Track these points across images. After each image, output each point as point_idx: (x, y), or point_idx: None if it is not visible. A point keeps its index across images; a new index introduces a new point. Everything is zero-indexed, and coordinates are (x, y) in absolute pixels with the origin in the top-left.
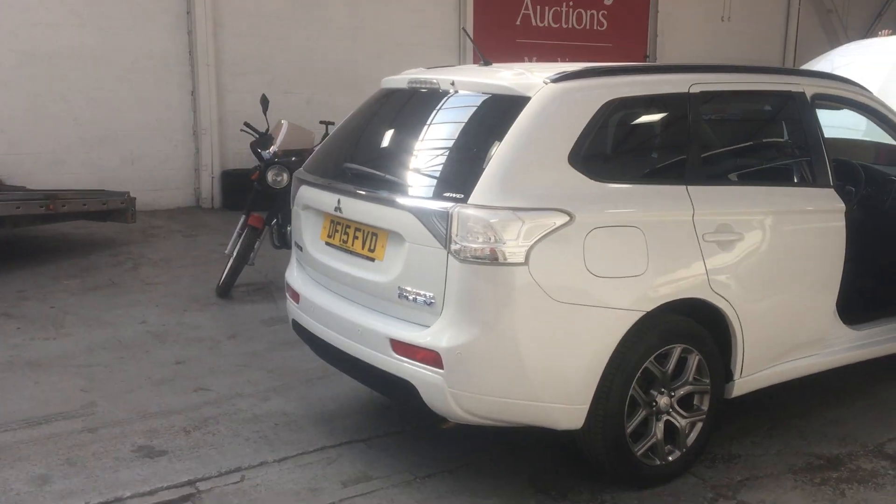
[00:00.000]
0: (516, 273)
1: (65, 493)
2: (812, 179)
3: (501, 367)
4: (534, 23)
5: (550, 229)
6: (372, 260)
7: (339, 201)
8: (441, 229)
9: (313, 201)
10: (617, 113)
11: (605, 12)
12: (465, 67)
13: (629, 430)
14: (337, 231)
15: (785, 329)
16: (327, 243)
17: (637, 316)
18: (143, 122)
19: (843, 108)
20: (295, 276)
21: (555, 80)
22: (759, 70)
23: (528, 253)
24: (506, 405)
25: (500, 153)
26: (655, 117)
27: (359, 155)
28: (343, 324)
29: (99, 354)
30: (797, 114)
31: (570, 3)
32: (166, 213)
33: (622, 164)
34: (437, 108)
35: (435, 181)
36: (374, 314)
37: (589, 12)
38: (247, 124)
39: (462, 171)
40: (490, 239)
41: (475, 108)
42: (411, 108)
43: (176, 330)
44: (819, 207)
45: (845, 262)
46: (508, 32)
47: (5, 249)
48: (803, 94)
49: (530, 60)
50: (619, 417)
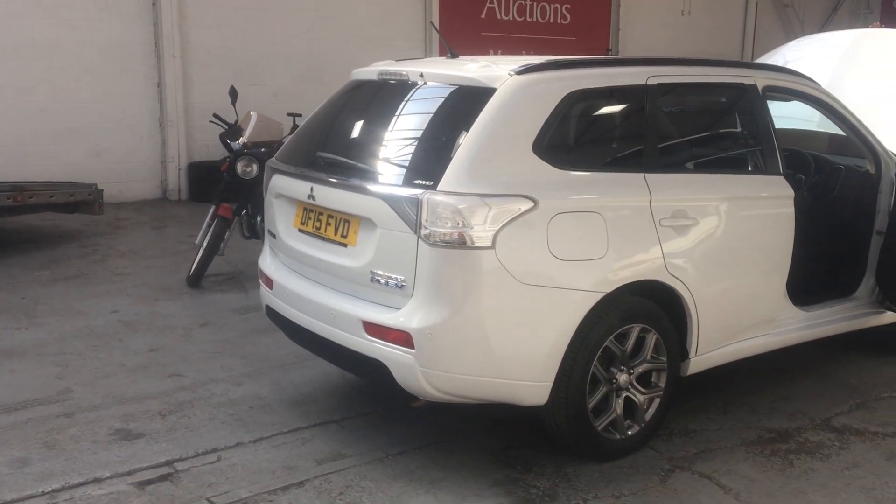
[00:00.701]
0: (483, 256)
1: (44, 474)
2: (763, 167)
3: (470, 346)
4: (499, 16)
5: (516, 214)
6: (345, 246)
7: (311, 189)
8: (411, 215)
9: (286, 189)
10: (578, 104)
11: (569, 6)
12: (433, 60)
13: (590, 406)
14: (310, 218)
15: (738, 310)
16: (300, 230)
17: (598, 297)
18: (109, 115)
19: (793, 100)
20: (268, 263)
21: (519, 73)
22: (712, 63)
23: (495, 237)
24: (474, 382)
25: (468, 142)
26: (615, 108)
27: (331, 144)
28: (316, 308)
29: (72, 343)
30: (749, 105)
31: None
32: (133, 206)
33: (583, 152)
34: (407, 98)
35: (405, 169)
36: (347, 298)
37: (553, 6)
38: (216, 116)
39: (431, 159)
40: (458, 224)
41: (443, 99)
42: (381, 98)
43: (148, 319)
44: (770, 194)
45: (795, 247)
46: (474, 26)
47: None
48: (755, 87)
49: (495, 53)
50: (580, 394)
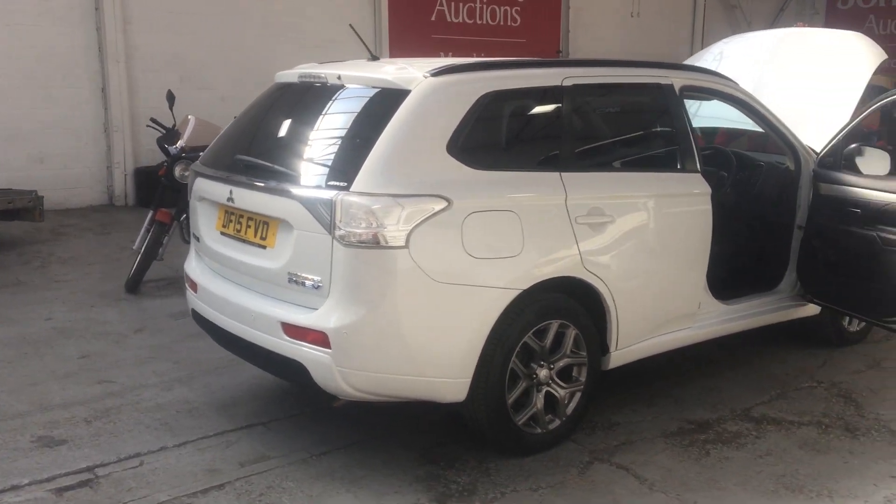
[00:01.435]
0: (397, 256)
1: None
2: (681, 166)
3: (386, 344)
4: (448, 18)
5: (429, 214)
6: (264, 247)
7: (231, 192)
8: (326, 216)
9: (208, 193)
10: (493, 105)
11: (519, 8)
12: (353, 63)
13: (510, 401)
14: (231, 221)
15: (657, 304)
16: (222, 233)
17: (514, 294)
18: (51, 120)
19: (712, 99)
20: (193, 267)
21: (434, 75)
22: (629, 64)
23: (409, 237)
24: (392, 381)
25: (381, 143)
26: (530, 109)
27: (251, 147)
28: (238, 310)
29: (1, 351)
30: (666, 105)
31: (484, 0)
32: (78, 212)
33: (499, 152)
34: (325, 101)
35: (321, 171)
36: (267, 300)
37: (503, 8)
38: (153, 120)
39: (346, 160)
40: (372, 224)
41: (359, 101)
42: (301, 101)
43: (82, 325)
44: (687, 191)
45: (715, 242)
46: (423, 28)
47: None
48: (672, 87)
49: (445, 56)
50: (500, 389)
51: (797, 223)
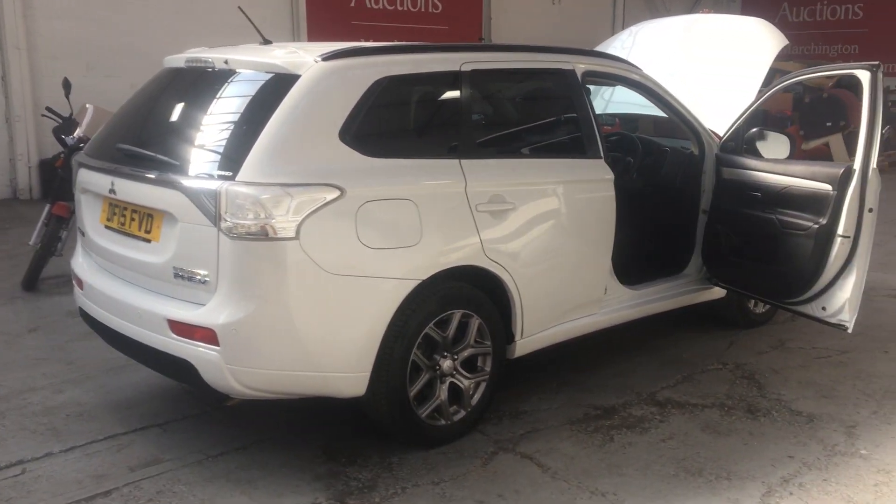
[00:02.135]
0: (287, 248)
1: None
2: (584, 151)
3: (278, 340)
4: (368, 4)
5: (321, 204)
6: (148, 241)
7: (112, 183)
8: (210, 207)
9: (91, 184)
10: (389, 90)
11: None
12: (243, 47)
13: (413, 394)
14: (115, 214)
15: (562, 291)
16: (106, 226)
17: (412, 285)
18: None
19: (615, 85)
20: (80, 263)
21: (326, 59)
22: (530, 49)
23: (299, 228)
24: (286, 377)
25: (269, 130)
26: (428, 95)
27: (134, 136)
28: (124, 308)
29: None
30: (568, 90)
31: None
32: None
33: (395, 139)
34: (212, 87)
35: (205, 160)
36: (153, 296)
37: None
38: (49, 109)
39: (231, 149)
40: (259, 215)
41: (248, 86)
42: (188, 87)
43: None
44: (589, 178)
45: (621, 228)
46: (343, 14)
47: None
48: (574, 72)
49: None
50: (401, 382)
51: (702, 207)
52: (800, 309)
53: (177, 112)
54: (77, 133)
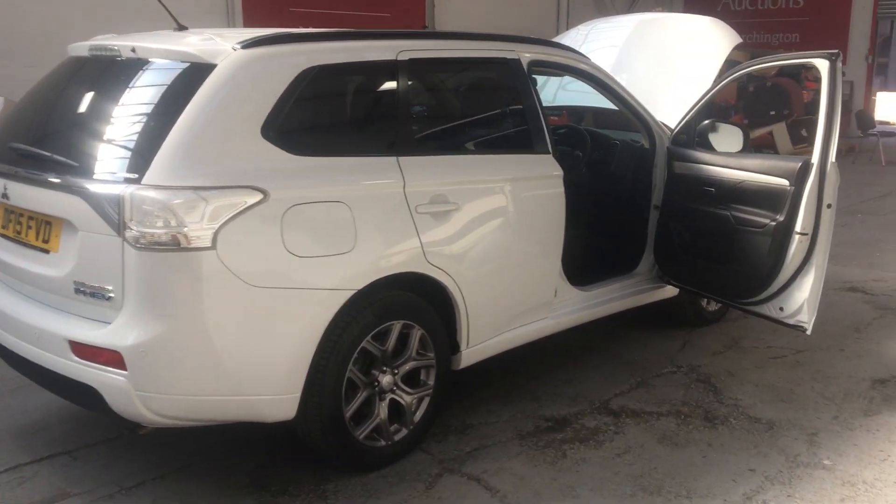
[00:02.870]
0: (203, 259)
1: None
2: (530, 146)
3: (194, 362)
4: None
5: (241, 209)
6: (46, 252)
7: (5, 187)
8: (113, 215)
9: None
10: (317, 81)
11: None
12: (155, 33)
13: (349, 414)
14: (10, 221)
15: (510, 296)
16: (1, 234)
17: (347, 295)
18: None
19: (563, 75)
20: None
21: (245, 46)
22: (472, 37)
23: (215, 236)
24: (204, 403)
25: (180, 127)
26: (362, 86)
27: (30, 134)
28: (21, 326)
29: None
30: (513, 81)
31: None
32: None
33: (325, 136)
34: (118, 78)
35: (109, 161)
36: (54, 314)
37: None
38: None
39: (138, 148)
40: (170, 223)
41: (157, 77)
42: (92, 78)
43: None
44: (538, 174)
45: (571, 226)
46: (281, 1)
47: None
48: (519, 62)
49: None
50: (336, 403)
51: (653, 203)
52: (756, 309)
53: (78, 107)
54: None
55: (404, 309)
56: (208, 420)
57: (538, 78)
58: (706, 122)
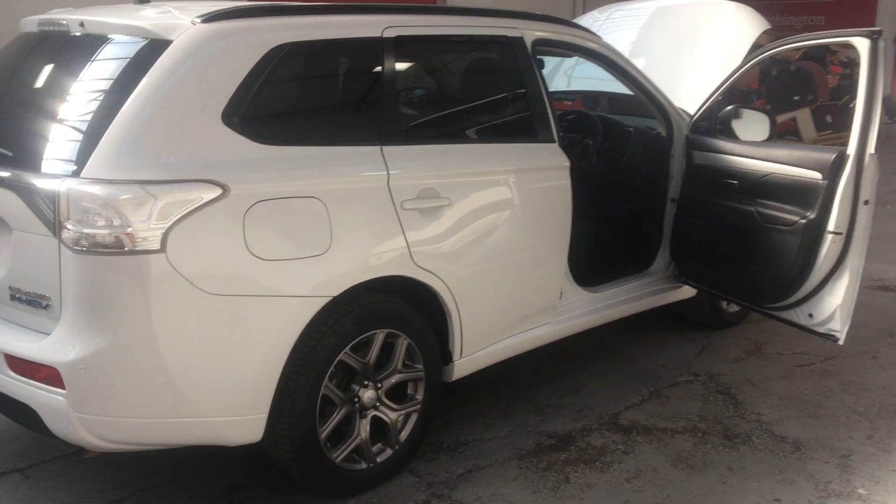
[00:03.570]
0: (151, 263)
1: None
2: (533, 135)
3: (142, 381)
4: None
5: (195, 206)
6: None
7: None
8: (48, 212)
9: None
10: (289, 61)
11: None
12: (110, 7)
13: (325, 435)
14: None
15: (510, 301)
16: None
17: (321, 303)
18: None
19: (572, 55)
20: None
21: (206, 21)
22: (469, 12)
23: (165, 237)
24: (154, 426)
25: (127, 113)
26: (341, 67)
27: None
28: None
29: None
30: (515, 62)
31: None
32: None
33: (297, 122)
34: (65, 56)
35: (47, 151)
36: None
37: None
38: None
39: (79, 136)
40: (113, 222)
41: (107, 55)
42: (37, 57)
43: None
44: (541, 165)
45: (578, 221)
46: None
47: None
48: (522, 40)
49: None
50: (309, 423)
51: (670, 196)
52: (783, 315)
53: (20, 90)
54: None
55: (388, 316)
56: (161, 445)
57: (547, 61)
58: (729, 108)
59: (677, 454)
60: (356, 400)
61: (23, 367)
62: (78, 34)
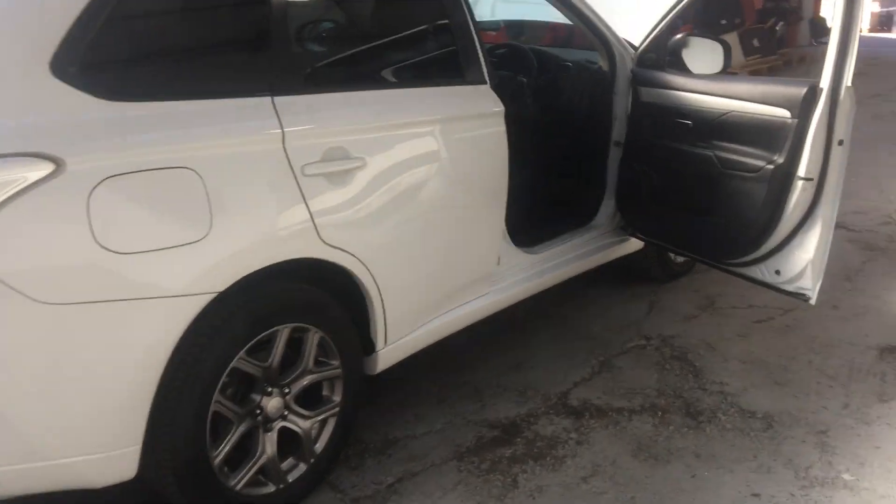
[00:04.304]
0: None
1: None
2: (461, 75)
3: None
4: None
5: (16, 189)
6: None
7: None
8: None
9: None
10: None
11: None
12: None
13: (219, 460)
14: None
15: (440, 272)
16: None
17: (202, 301)
18: None
19: None
20: None
21: None
22: None
23: None
24: None
25: None
26: None
27: None
28: None
29: None
30: None
31: None
32: None
33: (157, 69)
34: None
35: None
36: None
37: None
38: None
39: None
40: None
41: None
42: None
43: None
44: (471, 111)
45: (514, 174)
46: None
47: None
48: None
49: None
50: (197, 448)
51: (614, 139)
52: (745, 272)
53: None
54: None
55: (293, 308)
56: (11, 495)
57: None
58: (678, 36)
59: (637, 441)
60: (258, 412)
61: None
62: None
